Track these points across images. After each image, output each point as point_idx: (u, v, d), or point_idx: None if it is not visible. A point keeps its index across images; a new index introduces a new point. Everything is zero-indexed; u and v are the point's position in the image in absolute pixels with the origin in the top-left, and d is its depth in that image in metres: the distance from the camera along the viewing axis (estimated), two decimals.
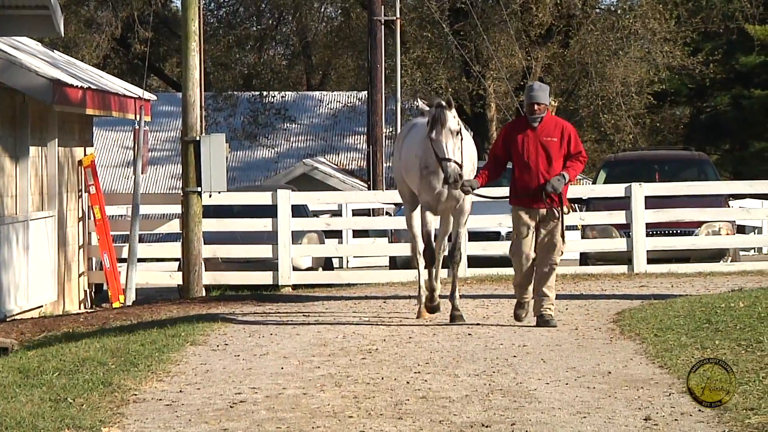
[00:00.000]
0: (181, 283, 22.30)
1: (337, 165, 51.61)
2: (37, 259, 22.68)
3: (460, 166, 14.50)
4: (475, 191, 14.82)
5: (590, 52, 42.21)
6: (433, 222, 15.47)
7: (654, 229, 22.66)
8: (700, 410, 9.53)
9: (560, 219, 14.27)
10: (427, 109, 15.04)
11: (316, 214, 28.37)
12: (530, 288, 14.41)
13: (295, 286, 22.52)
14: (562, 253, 14.54)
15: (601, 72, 42.78)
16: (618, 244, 22.45)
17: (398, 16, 34.82)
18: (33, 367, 12.96)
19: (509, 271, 21.01)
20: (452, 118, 14.62)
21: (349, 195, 34.03)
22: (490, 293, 18.21)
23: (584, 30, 42.83)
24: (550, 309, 14.29)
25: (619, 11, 44.50)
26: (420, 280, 15.77)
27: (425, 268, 15.49)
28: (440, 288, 15.70)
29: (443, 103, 14.70)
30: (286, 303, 18.64)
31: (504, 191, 16.19)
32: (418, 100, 15.62)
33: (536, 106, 14.39)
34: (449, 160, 14.44)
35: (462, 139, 14.76)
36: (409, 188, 15.66)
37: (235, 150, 48.77)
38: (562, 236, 14.36)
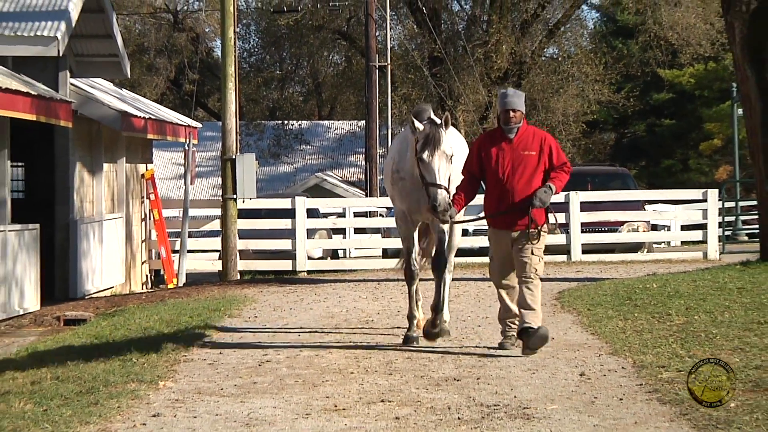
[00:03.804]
0: (221, 269, 22.28)
1: (341, 177, 51.59)
2: (109, 250, 22.69)
3: (449, 193, 10.39)
4: (456, 221, 10.87)
5: (537, 90, 42.19)
6: (414, 235, 11.36)
7: (587, 227, 22.67)
8: (623, 368, 9.52)
9: (538, 238, 10.35)
10: (421, 127, 10.58)
11: (325, 215, 28.35)
12: (517, 320, 10.46)
13: (309, 272, 22.50)
14: (537, 270, 10.41)
15: (546, 105, 42.80)
16: (559, 239, 22.43)
17: (389, 62, 34.82)
18: (105, 334, 12.97)
19: (475, 259, 21.03)
20: (447, 140, 10.49)
21: (351, 201, 33.97)
22: (459, 277, 18.18)
23: (533, 73, 42.84)
24: (530, 323, 10.25)
25: (559, 59, 44.54)
26: (411, 302, 11.57)
27: (407, 285, 11.57)
28: (422, 316, 11.66)
29: (438, 120, 10.67)
30: (302, 284, 18.62)
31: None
32: (412, 119, 10.68)
33: (511, 113, 10.32)
34: (439, 186, 10.28)
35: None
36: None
37: (263, 166, 48.93)
38: (536, 253, 10.37)
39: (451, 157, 10.46)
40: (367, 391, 8.86)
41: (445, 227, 11.11)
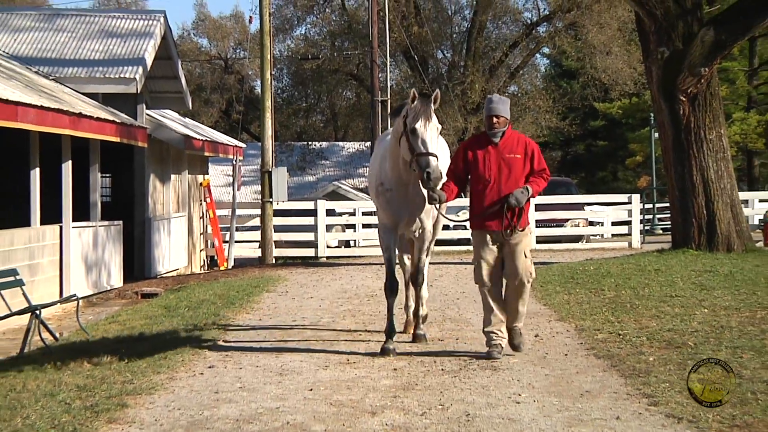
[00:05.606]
0: (260, 255, 22.29)
1: (352, 185, 51.48)
2: (175, 241, 22.67)
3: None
4: (441, 213, 8.69)
5: None
6: (395, 247, 8.63)
7: (540, 223, 22.66)
8: (567, 330, 9.51)
9: (522, 236, 8.08)
10: (412, 104, 7.98)
11: (340, 214, 28.32)
12: (503, 328, 8.26)
13: (327, 257, 22.50)
14: (532, 274, 8.17)
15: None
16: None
17: (389, 97, 34.78)
18: (172, 305, 12.96)
19: (455, 247, 21.00)
20: (435, 116, 8.05)
21: (360, 203, 33.85)
22: (442, 261, 18.18)
23: None
24: (518, 325, 8.34)
25: (519, 94, 44.51)
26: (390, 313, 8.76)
27: (386, 298, 8.75)
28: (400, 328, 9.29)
29: (428, 95, 8.04)
30: (322, 267, 18.62)
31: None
32: (414, 92, 8.07)
33: (495, 119, 8.11)
34: (432, 155, 7.76)
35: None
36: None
37: (292, 177, 48.76)
38: (527, 255, 8.13)
39: (439, 131, 8.04)
40: (372, 348, 8.85)
41: (424, 255, 8.78)
